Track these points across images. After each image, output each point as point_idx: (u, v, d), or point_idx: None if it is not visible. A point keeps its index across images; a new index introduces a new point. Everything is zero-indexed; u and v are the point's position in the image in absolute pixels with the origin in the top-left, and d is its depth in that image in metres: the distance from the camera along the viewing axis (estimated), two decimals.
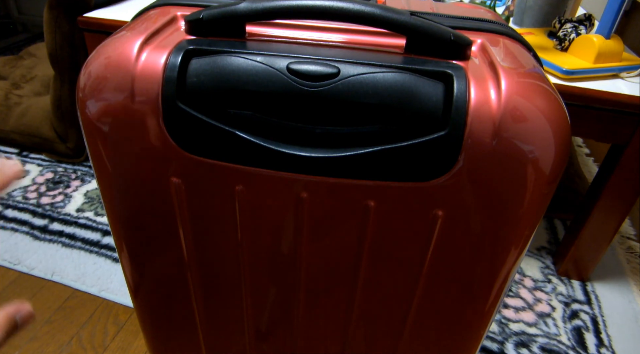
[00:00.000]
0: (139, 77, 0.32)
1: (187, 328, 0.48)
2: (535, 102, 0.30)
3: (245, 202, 0.36)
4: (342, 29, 0.37)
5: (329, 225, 0.36)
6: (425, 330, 0.42)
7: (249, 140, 0.32)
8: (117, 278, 0.93)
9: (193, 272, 0.42)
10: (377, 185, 0.33)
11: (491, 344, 0.84)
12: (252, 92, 0.31)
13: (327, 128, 0.32)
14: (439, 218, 0.34)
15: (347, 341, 0.45)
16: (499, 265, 0.36)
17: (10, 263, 0.96)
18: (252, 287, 0.42)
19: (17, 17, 2.33)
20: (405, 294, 0.39)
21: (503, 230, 0.34)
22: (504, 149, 0.30)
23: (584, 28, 0.83)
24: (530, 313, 0.91)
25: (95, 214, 1.10)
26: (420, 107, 0.30)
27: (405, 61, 0.32)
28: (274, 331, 0.46)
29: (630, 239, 1.13)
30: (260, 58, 0.31)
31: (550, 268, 1.02)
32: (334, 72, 0.30)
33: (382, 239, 0.36)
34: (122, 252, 0.42)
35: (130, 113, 0.33)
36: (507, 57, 0.33)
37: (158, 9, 0.39)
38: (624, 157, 0.79)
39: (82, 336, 0.83)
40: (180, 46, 0.32)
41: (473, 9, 0.47)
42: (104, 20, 0.91)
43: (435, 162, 0.31)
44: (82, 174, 1.24)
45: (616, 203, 0.85)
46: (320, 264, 0.39)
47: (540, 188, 0.32)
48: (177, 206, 0.37)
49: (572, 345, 0.85)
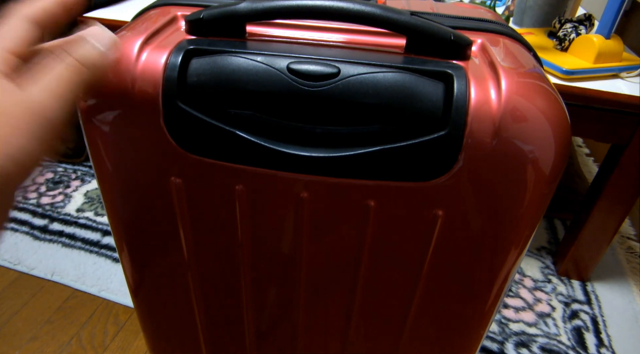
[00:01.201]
0: (139, 76, 0.32)
1: (187, 328, 0.48)
2: (536, 102, 0.30)
3: (246, 202, 0.36)
4: (343, 28, 0.37)
5: (329, 224, 0.36)
6: (425, 330, 0.42)
7: (249, 139, 0.32)
8: (117, 278, 0.93)
9: (193, 272, 0.42)
10: (377, 185, 0.33)
11: (491, 344, 0.84)
12: (253, 91, 0.31)
13: (328, 128, 0.32)
14: (439, 218, 0.34)
15: (347, 340, 0.45)
16: (499, 265, 0.36)
17: (10, 263, 0.96)
18: (252, 287, 0.42)
19: None
20: (405, 294, 0.39)
21: (503, 229, 0.34)
22: (504, 149, 0.30)
23: (584, 28, 0.83)
24: (530, 313, 0.91)
25: (95, 214, 1.10)
26: (420, 107, 0.30)
27: (405, 61, 0.32)
28: (274, 330, 0.46)
29: (630, 239, 1.13)
30: (260, 58, 0.31)
31: (550, 268, 1.02)
32: (334, 72, 0.30)
33: (382, 239, 0.36)
34: (122, 252, 0.43)
35: (130, 113, 0.33)
36: (507, 57, 0.33)
37: (158, 9, 0.39)
38: (624, 157, 0.79)
39: (82, 336, 0.83)
40: (181, 46, 0.32)
41: (473, 9, 0.47)
42: (104, 20, 0.91)
43: (435, 161, 0.31)
44: (82, 174, 1.24)
45: (616, 203, 0.85)
46: (321, 264, 0.39)
47: (540, 188, 0.32)
48: (178, 206, 0.37)
49: (572, 345, 0.85)
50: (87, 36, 0.25)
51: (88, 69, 0.24)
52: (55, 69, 0.24)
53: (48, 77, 0.23)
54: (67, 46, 0.25)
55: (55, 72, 0.24)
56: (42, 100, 0.23)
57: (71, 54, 0.24)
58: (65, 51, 0.24)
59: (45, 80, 0.23)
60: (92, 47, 0.25)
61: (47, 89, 0.23)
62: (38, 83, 0.23)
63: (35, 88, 0.23)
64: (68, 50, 0.24)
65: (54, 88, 0.23)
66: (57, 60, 0.24)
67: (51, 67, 0.24)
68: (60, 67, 0.24)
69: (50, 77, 0.23)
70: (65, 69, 0.24)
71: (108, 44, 0.26)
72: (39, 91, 0.23)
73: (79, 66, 0.24)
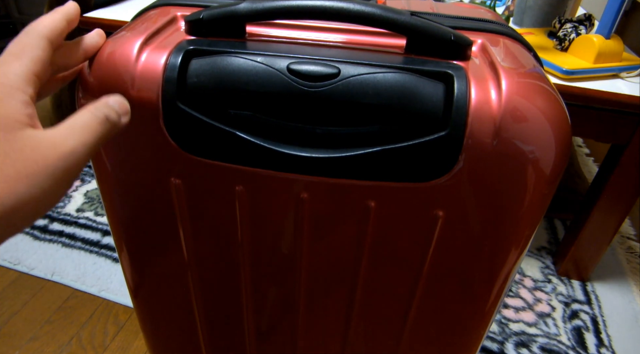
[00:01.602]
0: (139, 77, 0.31)
1: (187, 328, 0.48)
2: (536, 102, 0.30)
3: (246, 202, 0.36)
4: (343, 29, 0.37)
5: (329, 225, 0.36)
6: (425, 330, 0.42)
7: (249, 140, 0.32)
8: (117, 278, 0.93)
9: (193, 272, 0.42)
10: (378, 185, 0.33)
11: (491, 344, 0.84)
12: (252, 92, 0.31)
13: (328, 128, 0.32)
14: (439, 218, 0.34)
15: (347, 341, 0.45)
16: (499, 265, 0.36)
17: (10, 263, 0.96)
18: (252, 287, 0.42)
19: (17, 17, 2.33)
20: (406, 294, 0.39)
21: (503, 230, 0.34)
22: (504, 149, 0.30)
23: (584, 28, 0.83)
24: (530, 313, 0.91)
25: (95, 214, 1.10)
26: (420, 107, 0.30)
27: (405, 61, 0.32)
28: (274, 331, 0.46)
29: (630, 239, 1.13)
30: (260, 58, 0.31)
31: (550, 268, 1.02)
32: (334, 72, 0.30)
33: (383, 239, 0.36)
34: (122, 252, 0.42)
35: (130, 114, 0.33)
36: (507, 57, 0.33)
37: (158, 9, 0.39)
38: (624, 157, 0.79)
39: (82, 336, 0.83)
40: (181, 46, 0.32)
41: (473, 9, 0.47)
42: (104, 20, 0.91)
43: (436, 162, 0.31)
44: (82, 174, 1.24)
45: (616, 203, 0.85)
46: (321, 264, 0.39)
47: (541, 188, 0.32)
48: (177, 206, 0.37)
49: (572, 345, 0.85)
50: (110, 101, 0.29)
51: (110, 126, 0.28)
52: (84, 118, 0.27)
53: (79, 124, 0.26)
54: (97, 104, 0.28)
55: (84, 120, 0.26)
56: (69, 142, 0.25)
57: (100, 110, 0.28)
58: (94, 107, 0.28)
59: (76, 126, 0.26)
60: (114, 110, 0.28)
61: (76, 133, 0.26)
62: (68, 127, 0.26)
63: (65, 131, 0.25)
64: (97, 106, 0.28)
65: (82, 134, 0.26)
66: (86, 112, 0.27)
67: (81, 114, 0.27)
68: (89, 117, 0.27)
69: (80, 125, 0.26)
70: (93, 120, 0.27)
71: (125, 111, 0.30)
72: (68, 134, 0.25)
73: (105, 121, 0.27)
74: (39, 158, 0.24)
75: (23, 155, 0.23)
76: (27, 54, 0.26)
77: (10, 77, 0.25)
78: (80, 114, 0.27)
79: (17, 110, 0.24)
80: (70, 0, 0.31)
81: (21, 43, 0.27)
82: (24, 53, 0.26)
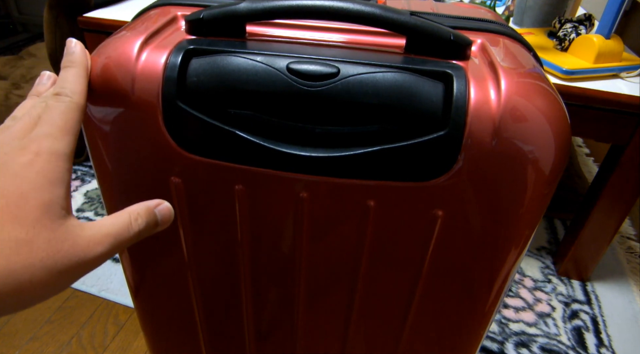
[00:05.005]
0: (139, 76, 0.32)
1: (187, 328, 0.48)
2: (535, 102, 0.30)
3: (245, 202, 0.36)
4: (342, 28, 0.37)
5: (329, 224, 0.36)
6: (425, 330, 0.42)
7: (249, 139, 0.32)
8: (117, 278, 0.93)
9: (193, 272, 0.42)
10: (377, 184, 0.33)
11: (491, 344, 0.84)
12: (252, 91, 0.31)
13: (327, 128, 0.32)
14: (439, 218, 0.34)
15: (347, 340, 0.45)
16: (499, 265, 0.36)
17: None
18: (252, 287, 0.42)
19: (17, 17, 2.33)
20: (405, 294, 0.39)
21: (503, 229, 0.34)
22: (504, 149, 0.30)
23: (584, 28, 0.83)
24: (530, 313, 0.91)
25: (95, 214, 1.10)
26: (420, 107, 0.30)
27: (405, 61, 0.32)
28: (274, 331, 0.46)
29: (630, 239, 1.13)
30: (260, 58, 0.31)
31: (550, 268, 1.02)
32: (333, 72, 0.30)
33: (382, 239, 0.36)
34: (122, 252, 0.43)
35: (130, 113, 0.33)
36: (507, 57, 0.33)
37: (158, 9, 0.39)
38: (624, 157, 0.79)
39: (82, 336, 0.83)
40: (181, 46, 0.32)
41: (473, 9, 0.47)
42: (104, 20, 0.91)
43: (435, 161, 0.31)
44: (82, 174, 1.24)
45: (616, 203, 0.85)
46: (321, 264, 0.39)
47: (540, 188, 0.32)
48: (177, 206, 0.37)
49: (572, 345, 0.85)
50: (155, 209, 0.29)
51: (145, 234, 0.27)
52: (122, 227, 0.26)
53: (114, 231, 0.26)
54: (141, 210, 0.28)
55: (121, 230, 0.26)
56: (99, 248, 0.25)
57: (141, 219, 0.27)
58: (137, 213, 0.27)
59: (112, 233, 0.25)
60: (155, 220, 0.28)
61: (109, 242, 0.25)
62: (105, 234, 0.25)
63: (100, 236, 0.25)
64: (140, 213, 0.27)
65: (114, 244, 0.25)
66: (126, 217, 0.26)
67: (121, 220, 0.26)
68: (126, 228, 0.26)
69: (115, 232, 0.26)
70: (129, 232, 0.26)
71: (167, 220, 0.29)
72: (103, 239, 0.25)
73: (139, 234, 0.27)
74: (73, 258, 0.23)
75: (63, 248, 0.23)
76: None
77: (60, 164, 0.25)
78: (121, 219, 0.26)
79: (63, 196, 0.24)
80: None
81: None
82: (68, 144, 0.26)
